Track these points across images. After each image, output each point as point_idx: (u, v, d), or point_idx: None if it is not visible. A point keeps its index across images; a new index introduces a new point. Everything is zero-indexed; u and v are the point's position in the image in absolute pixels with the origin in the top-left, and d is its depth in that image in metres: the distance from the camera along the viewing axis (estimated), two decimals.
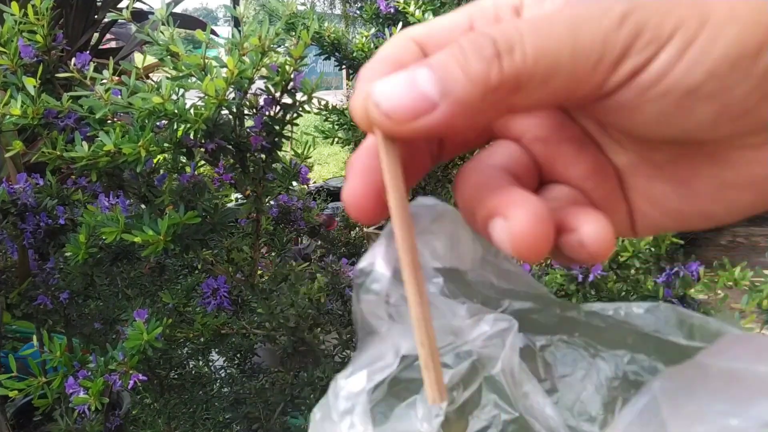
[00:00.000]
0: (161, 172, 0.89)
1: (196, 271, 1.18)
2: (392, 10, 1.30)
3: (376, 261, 0.25)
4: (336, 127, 1.41)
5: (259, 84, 0.82)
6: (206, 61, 0.74)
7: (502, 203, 0.21)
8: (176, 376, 1.24)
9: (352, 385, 0.25)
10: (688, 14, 0.19)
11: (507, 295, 0.28)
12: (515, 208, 0.21)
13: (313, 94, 0.83)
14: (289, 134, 0.87)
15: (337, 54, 1.32)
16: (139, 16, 2.35)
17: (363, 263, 0.25)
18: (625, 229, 0.25)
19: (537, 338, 0.29)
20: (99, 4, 2.23)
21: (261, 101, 0.83)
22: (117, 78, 0.79)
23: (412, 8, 1.26)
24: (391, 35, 1.29)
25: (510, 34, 0.20)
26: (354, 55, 1.31)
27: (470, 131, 0.27)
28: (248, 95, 0.81)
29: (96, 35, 2.29)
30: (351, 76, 1.45)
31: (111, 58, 0.82)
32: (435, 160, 0.26)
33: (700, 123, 0.20)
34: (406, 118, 0.20)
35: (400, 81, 0.20)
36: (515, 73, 0.19)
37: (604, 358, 0.29)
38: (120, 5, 2.28)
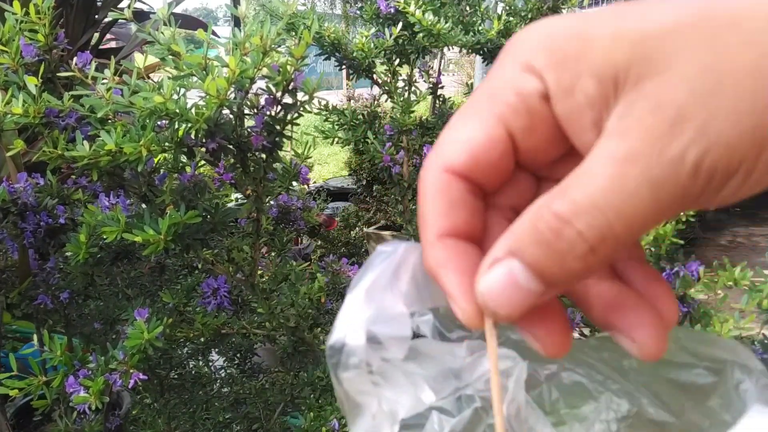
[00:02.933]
0: (162, 171, 0.89)
1: (197, 271, 1.18)
2: (392, 10, 1.30)
3: (346, 334, 0.24)
4: (336, 127, 1.41)
5: (260, 84, 0.82)
6: (207, 60, 0.74)
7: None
8: (176, 376, 1.24)
9: None
10: (749, 148, 0.20)
11: (505, 329, 0.27)
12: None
13: (314, 94, 0.83)
14: (290, 134, 0.87)
15: (337, 54, 1.32)
16: (140, 16, 2.35)
17: (332, 340, 0.24)
18: None
19: (543, 368, 0.28)
20: (99, 4, 2.23)
21: (262, 101, 0.83)
22: (118, 78, 0.79)
23: (412, 8, 1.26)
24: (391, 35, 1.29)
25: (599, 225, 0.20)
26: (354, 55, 1.31)
27: None
28: (249, 95, 0.81)
29: (96, 35, 2.29)
30: (351, 76, 1.45)
31: (112, 57, 0.82)
32: None
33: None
34: (519, 313, 0.22)
35: (502, 283, 0.22)
36: (611, 253, 0.21)
37: (613, 392, 0.28)
38: (120, 5, 2.28)
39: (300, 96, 0.84)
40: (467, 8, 1.43)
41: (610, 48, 0.21)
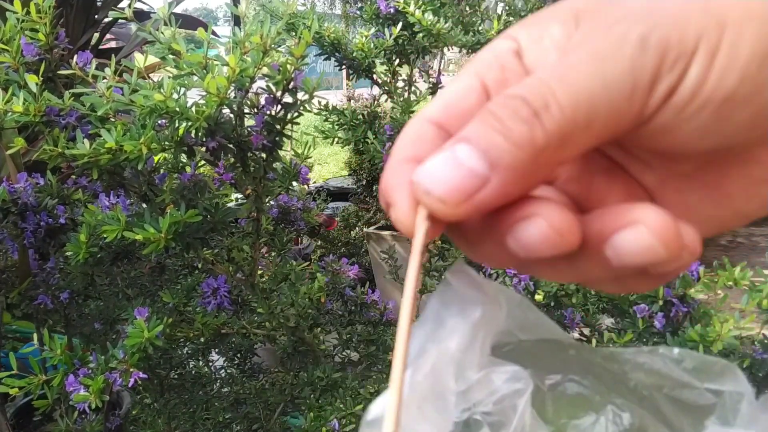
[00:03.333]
0: (162, 171, 0.89)
1: (197, 271, 1.18)
2: (392, 10, 1.30)
3: (384, 416, 0.22)
4: (336, 127, 1.41)
5: (260, 84, 0.83)
6: (208, 60, 0.74)
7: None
8: (176, 376, 1.24)
9: None
10: (705, 22, 0.19)
11: (515, 336, 0.27)
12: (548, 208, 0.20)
13: (314, 94, 0.84)
14: (290, 133, 0.87)
15: (337, 54, 1.32)
16: (140, 15, 2.35)
17: (370, 416, 0.23)
18: None
19: (547, 377, 0.28)
20: (99, 4, 2.23)
21: (262, 100, 0.83)
22: (118, 77, 0.79)
23: (412, 8, 1.26)
24: (391, 35, 1.29)
25: (539, 90, 0.19)
26: (354, 55, 1.31)
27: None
28: (249, 94, 0.81)
29: (96, 35, 2.29)
30: (351, 76, 1.45)
31: (113, 56, 0.82)
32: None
33: (738, 128, 0.20)
34: (461, 199, 0.20)
35: (442, 162, 0.20)
36: (558, 127, 0.19)
37: (616, 405, 0.28)
38: (120, 5, 2.28)
39: (300, 95, 0.84)
40: (467, 8, 1.43)
41: (570, 3, 0.22)
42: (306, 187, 1.18)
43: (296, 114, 0.85)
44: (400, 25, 1.29)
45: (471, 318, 0.24)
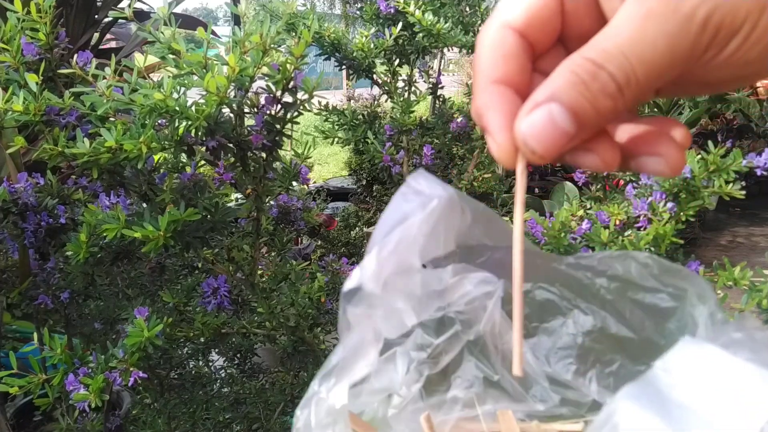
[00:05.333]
0: (162, 170, 0.89)
1: (197, 271, 1.18)
2: (392, 10, 1.30)
3: (363, 282, 0.26)
4: (336, 127, 1.41)
5: (260, 83, 0.83)
6: (207, 59, 0.74)
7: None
8: (176, 376, 1.24)
9: (333, 399, 0.27)
10: (753, 5, 0.24)
11: (489, 249, 0.30)
12: None
13: (314, 93, 0.83)
14: (290, 133, 0.87)
15: (337, 54, 1.32)
16: (140, 15, 2.35)
17: (350, 284, 0.27)
18: None
19: None
20: (99, 4, 2.23)
21: (262, 100, 0.83)
22: (118, 77, 0.79)
23: (412, 8, 1.26)
24: (391, 35, 1.29)
25: (623, 67, 0.24)
26: (354, 55, 1.31)
27: None
28: (249, 94, 0.81)
29: (96, 35, 2.29)
30: (351, 76, 1.45)
31: (114, 55, 0.82)
32: None
33: (749, 75, 0.26)
34: (553, 152, 0.26)
35: (540, 122, 0.25)
36: (634, 96, 0.25)
37: (581, 309, 0.31)
38: (120, 5, 2.29)
39: (300, 95, 0.84)
40: (467, 8, 1.43)
41: None
42: (306, 187, 1.18)
43: (296, 114, 0.85)
44: (400, 25, 1.29)
45: (428, 207, 0.27)
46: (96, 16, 2.20)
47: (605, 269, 0.31)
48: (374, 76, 1.37)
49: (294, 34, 1.29)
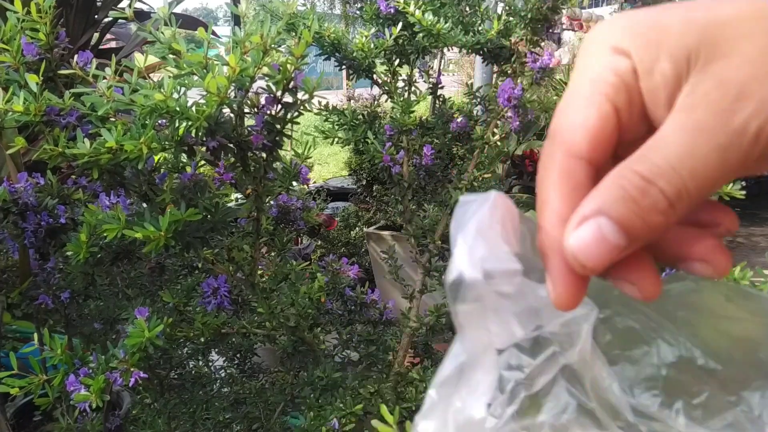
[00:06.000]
0: (162, 171, 0.89)
1: (197, 271, 1.18)
2: (392, 11, 1.30)
3: (463, 271, 0.25)
4: (336, 127, 1.41)
5: (260, 83, 0.83)
6: (208, 59, 0.74)
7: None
8: (176, 376, 1.24)
9: (471, 411, 0.26)
10: None
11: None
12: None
13: (314, 93, 0.84)
14: (290, 133, 0.87)
15: (337, 54, 1.32)
16: (140, 16, 2.35)
17: (452, 276, 0.25)
18: None
19: (599, 311, 0.29)
20: (99, 4, 2.23)
21: (262, 100, 0.83)
22: (119, 77, 0.79)
23: (412, 8, 1.26)
24: (391, 35, 1.29)
25: (675, 183, 0.24)
26: (354, 55, 1.31)
27: None
28: (249, 94, 0.81)
29: (96, 35, 2.29)
30: (351, 76, 1.45)
31: (114, 56, 0.82)
32: None
33: None
34: (604, 265, 0.25)
35: (590, 237, 0.25)
36: (686, 209, 0.24)
37: (664, 339, 0.30)
38: (120, 5, 2.29)
39: (300, 95, 0.84)
40: (467, 8, 1.43)
41: (682, 33, 0.24)
42: (306, 187, 1.18)
43: (296, 114, 0.85)
44: (400, 25, 1.29)
45: (490, 199, 0.26)
46: (96, 16, 2.20)
47: (685, 297, 0.30)
48: (374, 76, 1.37)
49: (294, 34, 1.29)
